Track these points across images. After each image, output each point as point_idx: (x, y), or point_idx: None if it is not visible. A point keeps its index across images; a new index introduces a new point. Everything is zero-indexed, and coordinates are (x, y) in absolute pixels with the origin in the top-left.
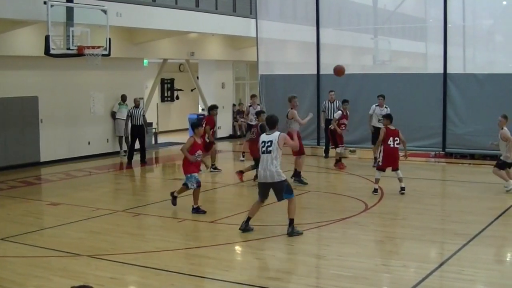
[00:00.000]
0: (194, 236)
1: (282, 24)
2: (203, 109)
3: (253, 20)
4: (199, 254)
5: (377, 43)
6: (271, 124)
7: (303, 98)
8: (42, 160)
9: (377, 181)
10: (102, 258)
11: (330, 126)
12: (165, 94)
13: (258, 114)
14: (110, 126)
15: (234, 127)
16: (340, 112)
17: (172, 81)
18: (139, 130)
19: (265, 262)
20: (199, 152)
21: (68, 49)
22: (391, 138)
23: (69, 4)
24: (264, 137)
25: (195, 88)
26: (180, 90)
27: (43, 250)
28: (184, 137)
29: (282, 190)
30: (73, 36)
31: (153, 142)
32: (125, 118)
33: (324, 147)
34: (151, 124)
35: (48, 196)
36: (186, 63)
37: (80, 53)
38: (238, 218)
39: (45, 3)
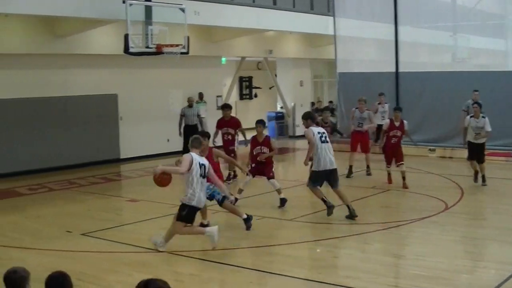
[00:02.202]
0: (272, 233)
1: (360, 22)
2: (281, 107)
3: (331, 18)
4: (277, 252)
5: (456, 41)
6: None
7: None
8: (121, 157)
9: None
10: (181, 254)
11: None
12: (243, 92)
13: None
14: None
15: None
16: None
17: (250, 79)
18: (192, 130)
19: (343, 261)
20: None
21: (147, 47)
22: None
23: (148, 3)
24: (317, 129)
25: (273, 86)
26: (258, 88)
27: (123, 245)
28: None
29: (338, 178)
30: (151, 34)
31: None
32: (203, 116)
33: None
34: None
35: (127, 193)
36: (264, 61)
37: (158, 51)
38: (316, 216)
39: (123, 2)
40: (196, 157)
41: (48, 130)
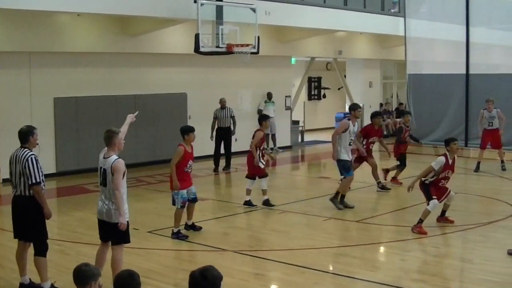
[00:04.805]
0: (339, 235)
1: (431, 23)
2: None
3: (402, 19)
4: (344, 253)
5: None
6: None
7: (451, 99)
8: None
9: None
10: (247, 254)
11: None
12: (312, 93)
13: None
14: (257, 123)
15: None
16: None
17: (319, 79)
18: (225, 133)
19: (410, 264)
20: (191, 162)
21: (217, 47)
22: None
23: (219, 3)
24: None
25: (342, 87)
26: (327, 88)
27: (190, 244)
28: (330, 136)
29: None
30: (222, 34)
31: (300, 140)
32: (271, 115)
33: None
34: (298, 122)
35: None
36: (334, 61)
37: (229, 51)
38: (384, 218)
39: (195, 1)
40: (100, 159)
41: (118, 128)
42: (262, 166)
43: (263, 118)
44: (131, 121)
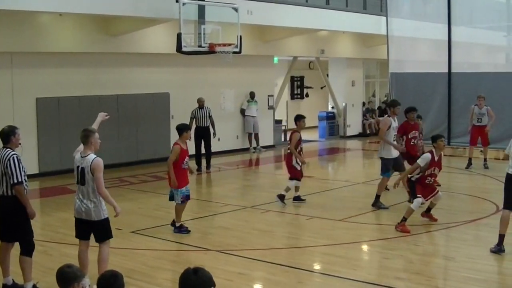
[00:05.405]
0: (322, 234)
1: (413, 22)
2: (332, 107)
3: (384, 18)
4: (327, 252)
5: (511, 41)
6: None
7: (434, 97)
8: None
9: None
10: (231, 253)
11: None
12: (295, 92)
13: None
14: (240, 122)
15: (363, 125)
16: None
17: (301, 78)
18: (203, 132)
19: (393, 262)
20: (187, 159)
21: (200, 46)
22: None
23: (201, 2)
24: None
25: (325, 86)
26: (310, 87)
27: (173, 243)
28: (313, 135)
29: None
30: (204, 33)
31: (283, 139)
32: (254, 115)
33: None
34: (280, 121)
35: None
36: (316, 60)
37: (211, 50)
38: (367, 217)
39: (177, 1)
40: (77, 158)
41: (100, 128)
42: (298, 168)
43: (298, 118)
44: (102, 119)
